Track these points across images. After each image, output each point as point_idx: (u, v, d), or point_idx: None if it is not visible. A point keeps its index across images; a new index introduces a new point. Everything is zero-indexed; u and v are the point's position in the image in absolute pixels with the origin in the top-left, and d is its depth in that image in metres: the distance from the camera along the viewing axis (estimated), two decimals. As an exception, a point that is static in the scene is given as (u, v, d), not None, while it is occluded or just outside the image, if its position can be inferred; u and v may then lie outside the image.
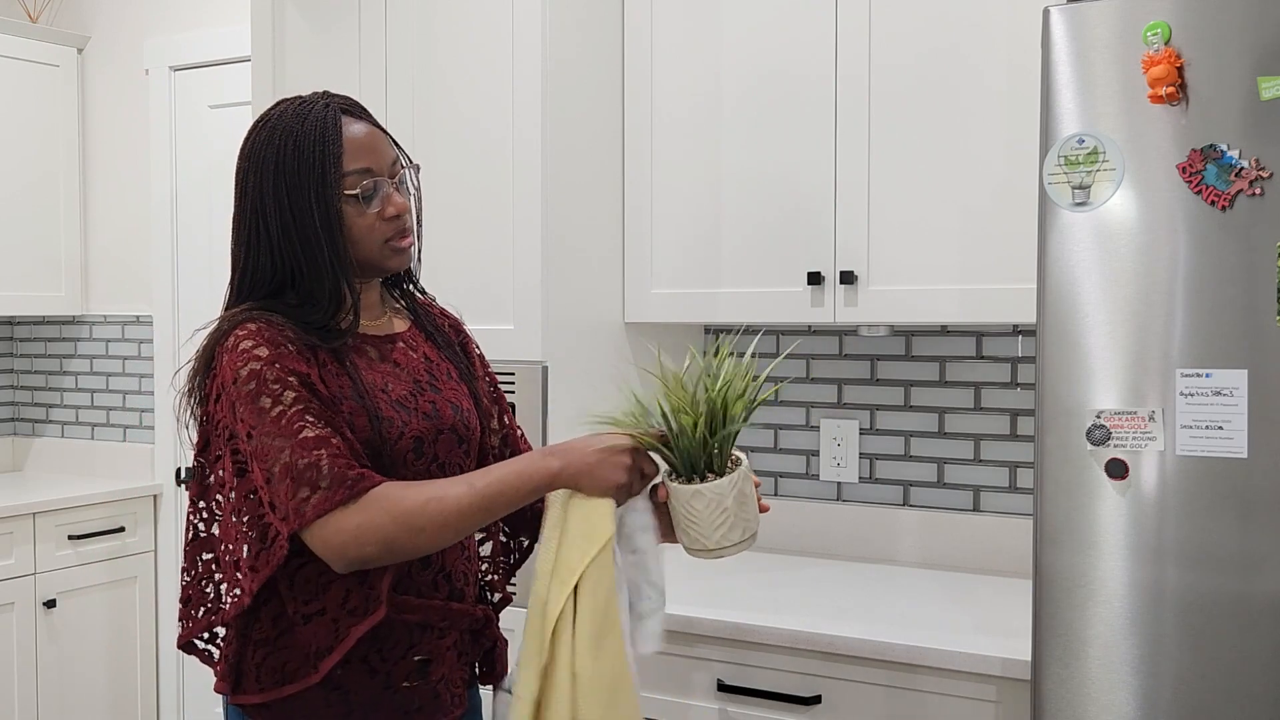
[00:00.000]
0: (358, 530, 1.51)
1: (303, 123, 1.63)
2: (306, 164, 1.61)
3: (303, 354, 1.60)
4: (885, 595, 2.41)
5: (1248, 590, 1.72)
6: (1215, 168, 1.72)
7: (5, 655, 3.57)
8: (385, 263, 1.69)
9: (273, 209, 1.62)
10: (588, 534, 1.58)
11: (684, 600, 2.36)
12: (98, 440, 4.18)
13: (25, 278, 4.01)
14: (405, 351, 1.74)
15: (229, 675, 1.67)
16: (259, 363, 1.56)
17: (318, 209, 1.61)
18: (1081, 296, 1.81)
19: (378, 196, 1.65)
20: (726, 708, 2.23)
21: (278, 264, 1.64)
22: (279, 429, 1.54)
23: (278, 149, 1.63)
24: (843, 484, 2.83)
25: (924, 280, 2.36)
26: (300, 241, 1.62)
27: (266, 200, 1.63)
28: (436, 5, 2.59)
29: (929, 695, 2.06)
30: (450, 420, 1.71)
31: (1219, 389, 1.73)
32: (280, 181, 1.62)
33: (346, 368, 1.63)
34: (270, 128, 1.65)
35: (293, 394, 1.55)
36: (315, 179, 1.61)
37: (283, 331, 1.60)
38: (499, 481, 1.57)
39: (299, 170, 1.61)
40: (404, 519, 1.52)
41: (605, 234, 2.64)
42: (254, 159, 1.65)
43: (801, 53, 2.46)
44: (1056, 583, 1.84)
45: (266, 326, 1.59)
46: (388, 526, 1.52)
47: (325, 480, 1.51)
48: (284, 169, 1.62)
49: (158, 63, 3.96)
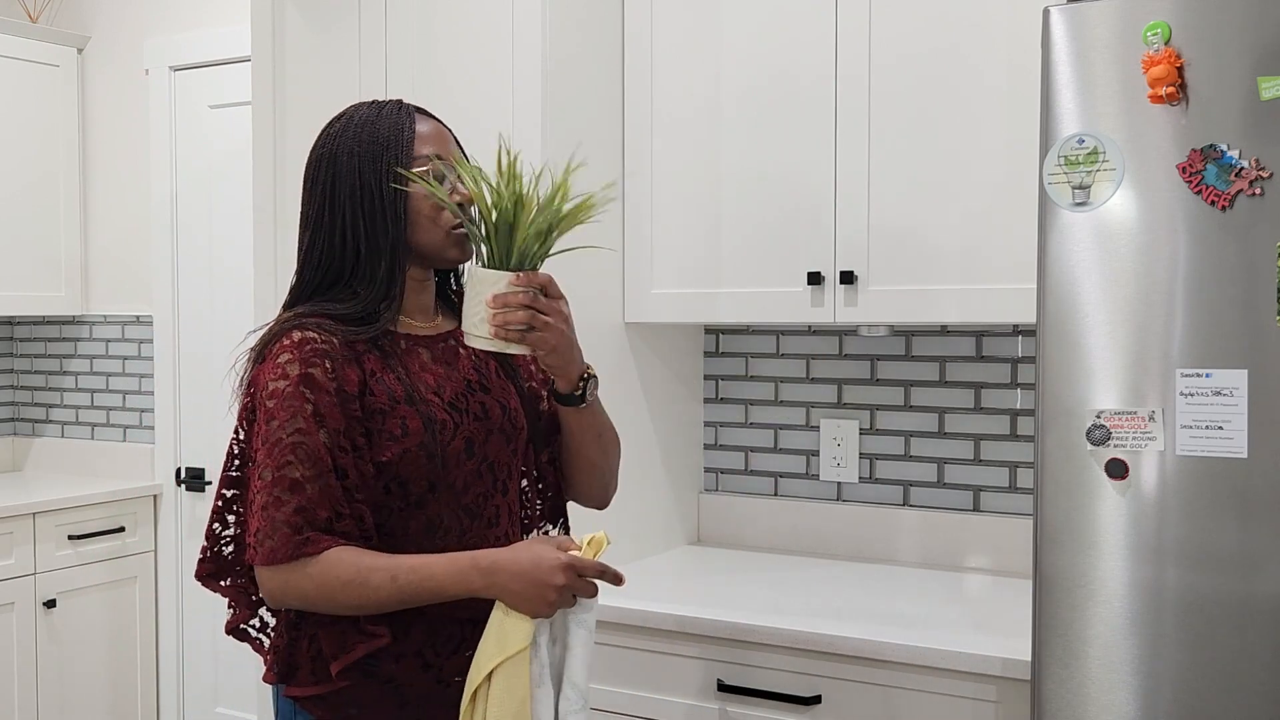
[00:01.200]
0: (284, 586, 1.61)
1: (379, 113, 1.72)
2: (381, 144, 1.69)
3: (344, 368, 1.64)
4: (885, 595, 2.41)
5: (1248, 590, 1.72)
6: (1215, 168, 1.72)
7: (5, 655, 3.57)
8: (446, 251, 1.73)
9: (344, 188, 1.68)
10: (500, 642, 1.60)
11: (684, 600, 2.36)
12: (98, 440, 4.18)
13: (25, 278, 4.01)
14: (456, 350, 1.79)
15: (280, 666, 1.70)
16: (286, 381, 1.62)
17: (387, 184, 1.67)
18: (1081, 296, 1.81)
19: (445, 180, 1.71)
20: (726, 708, 2.23)
21: (339, 245, 1.69)
22: (270, 456, 1.60)
23: (354, 136, 1.70)
24: (843, 484, 2.83)
25: (924, 280, 2.36)
26: (366, 216, 1.68)
27: (339, 180, 1.69)
28: (436, 5, 2.59)
29: (929, 695, 2.06)
30: (499, 421, 1.77)
31: (1219, 389, 1.73)
32: (354, 163, 1.69)
33: (398, 373, 1.68)
34: (346, 120, 1.73)
35: (300, 423, 1.61)
36: (389, 158, 1.68)
37: (328, 342, 1.64)
38: (420, 584, 1.59)
39: (373, 151, 1.68)
40: (324, 591, 1.59)
41: (605, 233, 2.64)
42: (328, 147, 1.72)
43: (802, 53, 2.46)
44: (1056, 583, 1.84)
45: (310, 339, 1.64)
46: (310, 593, 1.60)
47: (275, 535, 1.59)
48: (358, 152, 1.69)
49: (158, 63, 3.96)
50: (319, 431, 1.61)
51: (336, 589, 1.59)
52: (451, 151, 1.75)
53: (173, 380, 3.97)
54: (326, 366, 1.62)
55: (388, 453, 1.65)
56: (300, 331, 1.65)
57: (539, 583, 1.57)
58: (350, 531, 1.62)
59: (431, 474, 1.67)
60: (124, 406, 4.12)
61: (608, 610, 2.33)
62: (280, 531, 1.58)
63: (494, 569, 1.59)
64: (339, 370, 1.63)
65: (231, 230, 3.81)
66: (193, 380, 3.94)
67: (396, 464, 1.65)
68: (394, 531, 1.67)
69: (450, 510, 1.70)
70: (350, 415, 1.63)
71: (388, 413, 1.65)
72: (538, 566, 1.57)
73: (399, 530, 1.68)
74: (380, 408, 1.65)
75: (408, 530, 1.68)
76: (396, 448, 1.65)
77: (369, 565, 1.59)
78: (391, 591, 1.59)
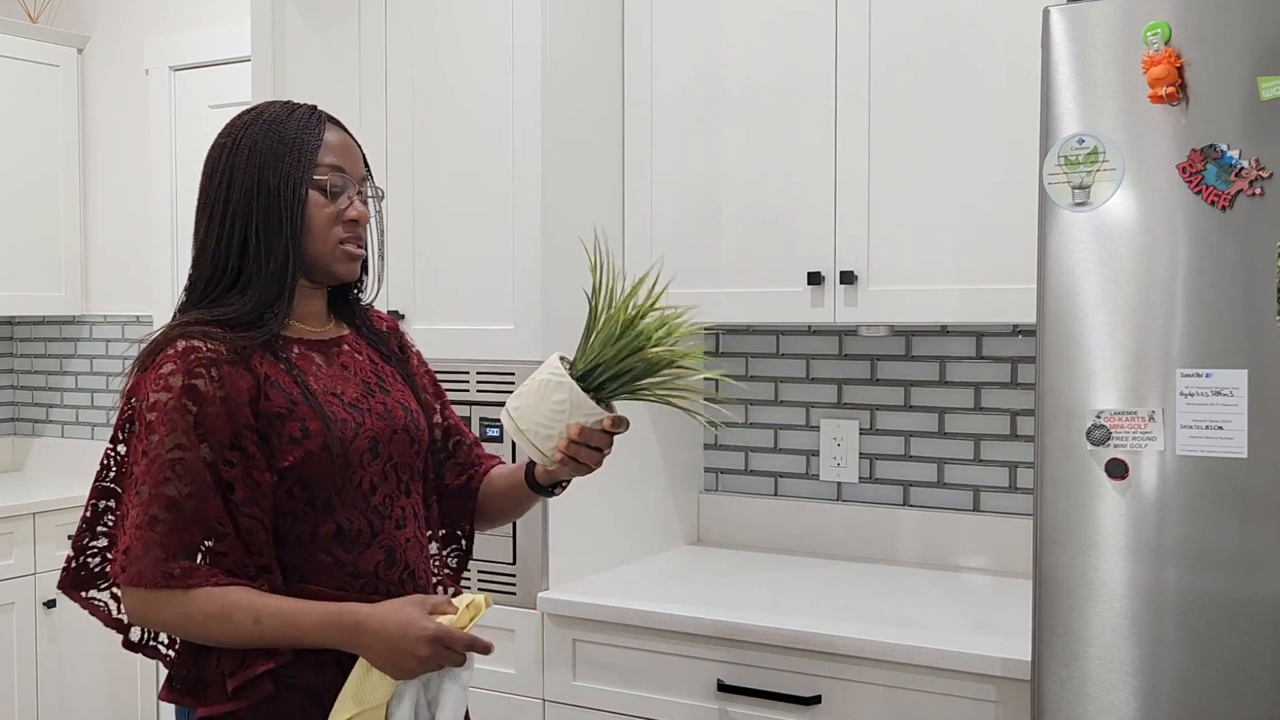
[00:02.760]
0: (144, 609, 1.58)
1: (289, 115, 1.69)
2: (285, 147, 1.65)
3: (233, 376, 1.59)
4: (885, 595, 2.41)
5: (1248, 590, 1.72)
6: (1215, 168, 1.72)
7: (5, 655, 3.57)
8: (335, 266, 1.70)
9: (240, 182, 1.65)
10: (357, 695, 1.56)
11: (684, 600, 2.36)
12: (98, 440, 4.17)
13: (25, 278, 4.01)
14: (351, 354, 1.76)
15: (184, 684, 1.63)
16: (169, 393, 1.57)
17: (285, 187, 1.64)
18: (1081, 296, 1.81)
19: (343, 194, 1.69)
20: (726, 708, 2.23)
21: (230, 240, 1.64)
22: (148, 472, 1.56)
23: (260, 130, 1.67)
24: (843, 484, 2.83)
25: (924, 280, 2.36)
26: (260, 215, 1.64)
27: (237, 174, 1.65)
28: (436, 5, 2.59)
29: (929, 695, 2.06)
30: (402, 421, 1.74)
31: (1219, 389, 1.73)
32: (255, 159, 1.65)
33: (294, 374, 1.64)
34: (255, 114, 1.69)
35: (180, 438, 1.56)
36: (289, 161, 1.65)
37: (215, 350, 1.59)
38: (284, 630, 1.56)
39: (276, 151, 1.65)
40: (185, 622, 1.56)
41: (605, 233, 2.64)
42: (232, 138, 1.68)
43: (802, 53, 2.46)
44: (1056, 583, 1.84)
45: (195, 348, 1.59)
46: (171, 621, 1.57)
47: (145, 557, 1.55)
48: (260, 148, 1.65)
49: (158, 63, 3.96)
50: (200, 446, 1.56)
51: (199, 621, 1.55)
52: (356, 169, 1.71)
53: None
54: (212, 375, 1.58)
55: (289, 457, 1.60)
56: (185, 340, 1.60)
57: (403, 650, 1.54)
58: (230, 551, 1.57)
59: (336, 475, 1.62)
60: (124, 406, 4.12)
61: (608, 610, 2.34)
62: (152, 554, 1.54)
63: (359, 628, 1.56)
64: (226, 378, 1.58)
65: (231, 230, 3.81)
66: (193, 380, 3.93)
67: (299, 467, 1.61)
68: (302, 538, 1.63)
69: (359, 512, 1.66)
70: (240, 424, 1.58)
71: (286, 416, 1.61)
72: (404, 635, 1.54)
73: (307, 536, 1.63)
74: (277, 412, 1.60)
75: (317, 536, 1.63)
76: (298, 450, 1.60)
77: (234, 603, 1.55)
78: (254, 632, 1.56)
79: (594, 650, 2.38)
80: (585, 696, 2.38)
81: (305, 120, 1.68)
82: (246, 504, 1.58)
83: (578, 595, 2.39)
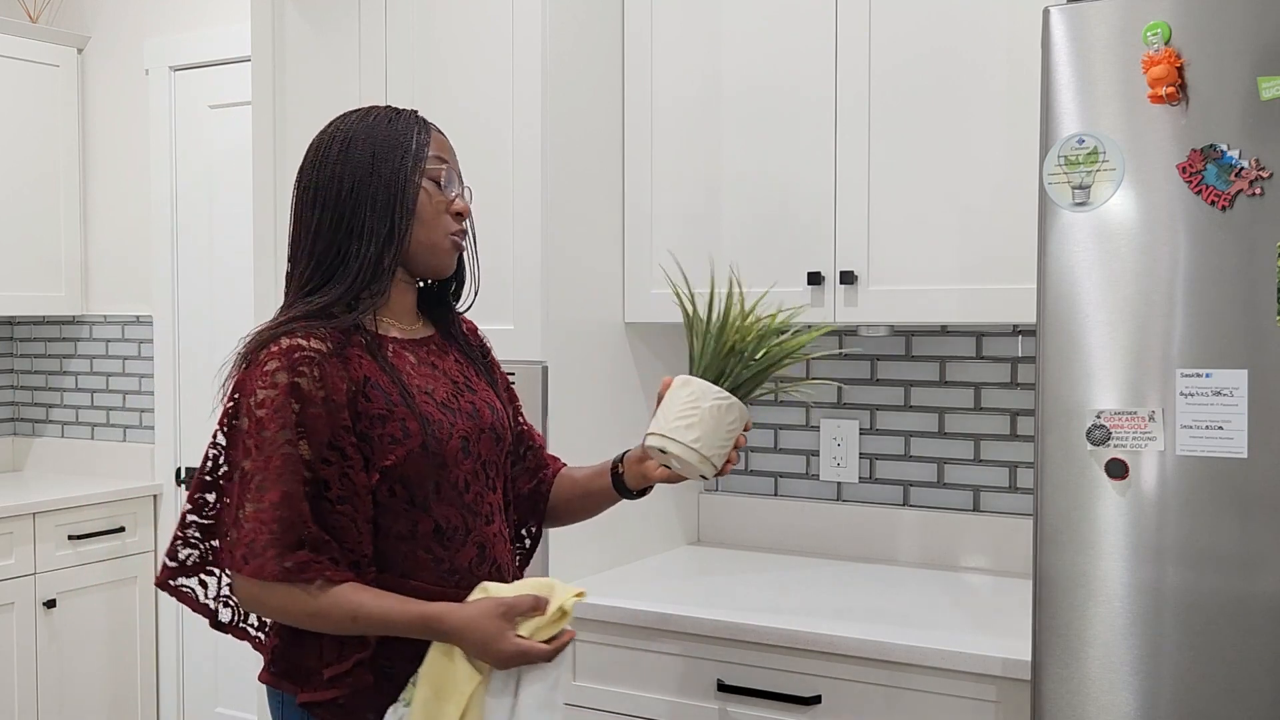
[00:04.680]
0: (257, 598, 1.64)
1: (397, 115, 1.75)
2: (396, 139, 1.71)
3: (333, 376, 1.63)
4: (885, 595, 2.41)
5: (1248, 590, 1.72)
6: (1215, 168, 1.72)
7: (5, 655, 3.57)
8: (441, 255, 1.76)
9: (351, 171, 1.69)
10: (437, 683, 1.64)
11: (684, 600, 2.36)
12: (98, 440, 4.18)
13: (25, 278, 4.01)
14: (439, 354, 1.81)
15: (282, 668, 1.71)
16: (275, 390, 1.61)
17: (399, 174, 1.70)
18: (1081, 296, 1.81)
19: (453, 186, 1.76)
20: (726, 708, 2.23)
21: (338, 232, 1.69)
22: (259, 467, 1.61)
23: (371, 125, 1.72)
24: (843, 484, 2.83)
25: (924, 280, 2.36)
26: (370, 203, 1.68)
27: (348, 164, 1.70)
28: (436, 5, 2.59)
29: (929, 695, 2.06)
30: (489, 420, 1.80)
31: (1219, 389, 1.73)
32: (368, 149, 1.70)
33: (391, 375, 1.69)
34: (364, 112, 1.76)
35: (288, 434, 1.60)
36: (402, 151, 1.71)
37: (317, 349, 1.63)
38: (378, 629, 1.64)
39: (389, 143, 1.71)
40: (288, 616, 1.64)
41: (605, 234, 2.64)
42: (343, 131, 1.73)
43: (802, 52, 2.46)
44: (1056, 583, 1.84)
45: (298, 346, 1.63)
46: (278, 610, 1.65)
47: (266, 553, 1.60)
48: (374, 139, 1.71)
49: (158, 63, 3.96)
50: (302, 443, 1.60)
51: (300, 618, 1.63)
52: (458, 169, 1.80)
53: (173, 380, 3.97)
54: (314, 375, 1.61)
55: (390, 457, 1.65)
56: (289, 338, 1.63)
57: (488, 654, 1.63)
58: (325, 545, 1.62)
59: (434, 474, 1.69)
60: (124, 406, 4.13)
61: (608, 610, 2.34)
62: (272, 548, 1.59)
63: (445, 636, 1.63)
64: (328, 379, 1.62)
65: (231, 230, 3.81)
66: (193, 380, 3.94)
67: (400, 467, 1.66)
68: (403, 534, 1.68)
69: (455, 510, 1.72)
70: (338, 424, 1.62)
71: (386, 417, 1.65)
72: (485, 649, 1.62)
73: (408, 533, 1.69)
74: (378, 413, 1.65)
75: (416, 533, 1.69)
76: (399, 450, 1.65)
77: (335, 600, 1.62)
78: (350, 628, 1.64)
79: (594, 650, 2.38)
80: (585, 696, 2.38)
81: (412, 119, 1.75)
82: (340, 502, 1.63)
83: (578, 595, 2.39)
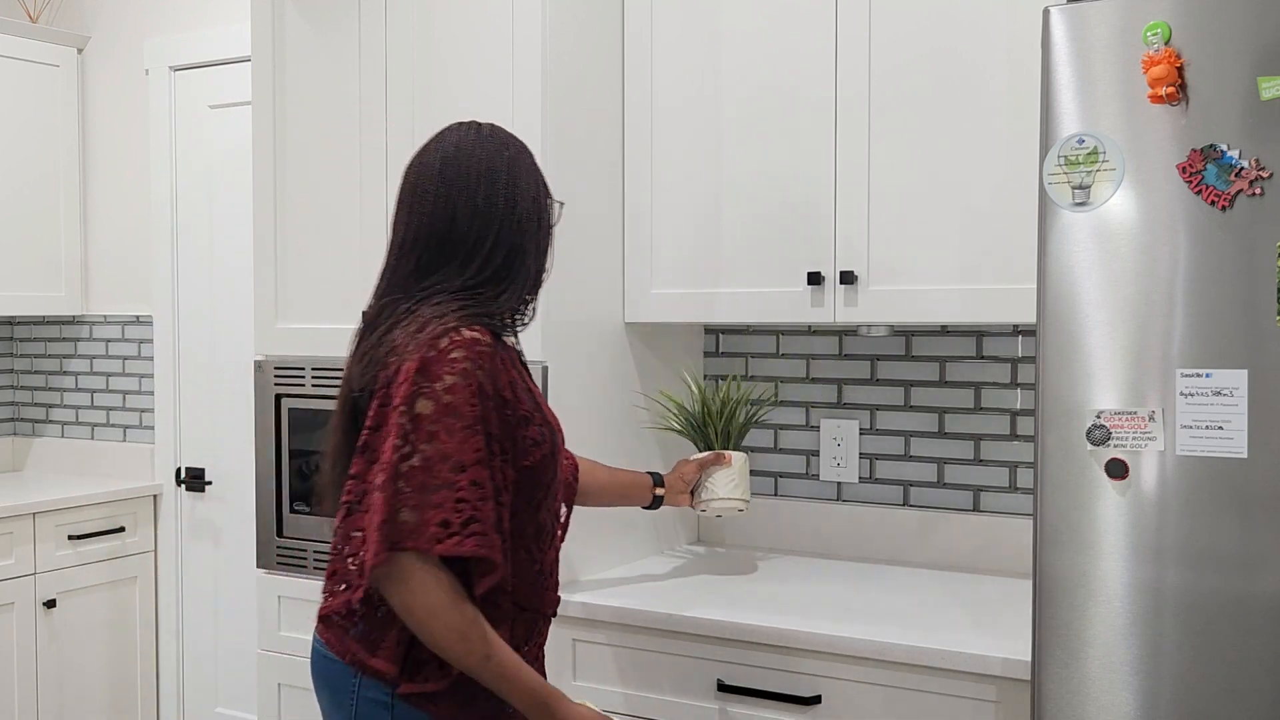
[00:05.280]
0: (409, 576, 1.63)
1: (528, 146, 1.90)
2: (539, 172, 1.88)
3: (500, 375, 1.72)
4: (885, 595, 2.41)
5: (1248, 590, 1.72)
6: (1215, 168, 1.72)
7: (5, 655, 3.57)
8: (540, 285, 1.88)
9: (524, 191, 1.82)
10: None
11: (684, 600, 2.36)
12: (98, 440, 4.18)
13: (25, 278, 4.01)
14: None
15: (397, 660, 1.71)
16: (464, 379, 1.67)
17: (550, 207, 1.88)
18: (1081, 296, 1.81)
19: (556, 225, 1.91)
20: (726, 708, 2.23)
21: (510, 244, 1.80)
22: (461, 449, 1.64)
23: (528, 156, 1.86)
24: (843, 484, 2.83)
25: (924, 280, 2.36)
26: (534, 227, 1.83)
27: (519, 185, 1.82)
28: (436, 5, 2.59)
29: (929, 695, 2.06)
30: (558, 426, 1.90)
31: (1219, 389, 1.73)
32: (532, 175, 1.85)
33: (527, 384, 1.80)
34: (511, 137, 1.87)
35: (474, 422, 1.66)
36: (545, 185, 1.89)
37: (491, 346, 1.72)
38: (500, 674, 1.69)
39: (539, 177, 1.88)
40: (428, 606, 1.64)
41: (605, 234, 2.64)
42: (511, 148, 1.84)
43: (802, 53, 2.46)
44: (1056, 583, 1.84)
45: (479, 340, 1.70)
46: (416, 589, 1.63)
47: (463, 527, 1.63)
48: (532, 167, 1.86)
49: (158, 63, 3.96)
50: (482, 434, 1.67)
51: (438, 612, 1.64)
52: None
53: (173, 380, 3.97)
54: (488, 370, 1.70)
55: (530, 458, 1.75)
56: (468, 330, 1.71)
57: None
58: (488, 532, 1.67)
59: (550, 479, 1.81)
60: (124, 406, 4.13)
61: (608, 610, 2.34)
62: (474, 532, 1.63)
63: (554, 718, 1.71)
64: (497, 375, 1.71)
65: (231, 230, 3.81)
66: (192, 380, 3.94)
67: (535, 469, 1.76)
68: (514, 533, 1.76)
69: (551, 514, 1.84)
70: (502, 420, 1.71)
71: (529, 419, 1.76)
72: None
73: (517, 532, 1.76)
74: (523, 415, 1.75)
75: (524, 532, 1.77)
76: (538, 453, 1.76)
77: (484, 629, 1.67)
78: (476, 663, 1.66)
79: (594, 650, 2.38)
80: (585, 696, 2.38)
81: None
82: (499, 493, 1.71)
83: (577, 595, 2.39)
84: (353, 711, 1.74)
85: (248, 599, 3.74)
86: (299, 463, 2.76)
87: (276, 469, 2.79)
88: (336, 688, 1.77)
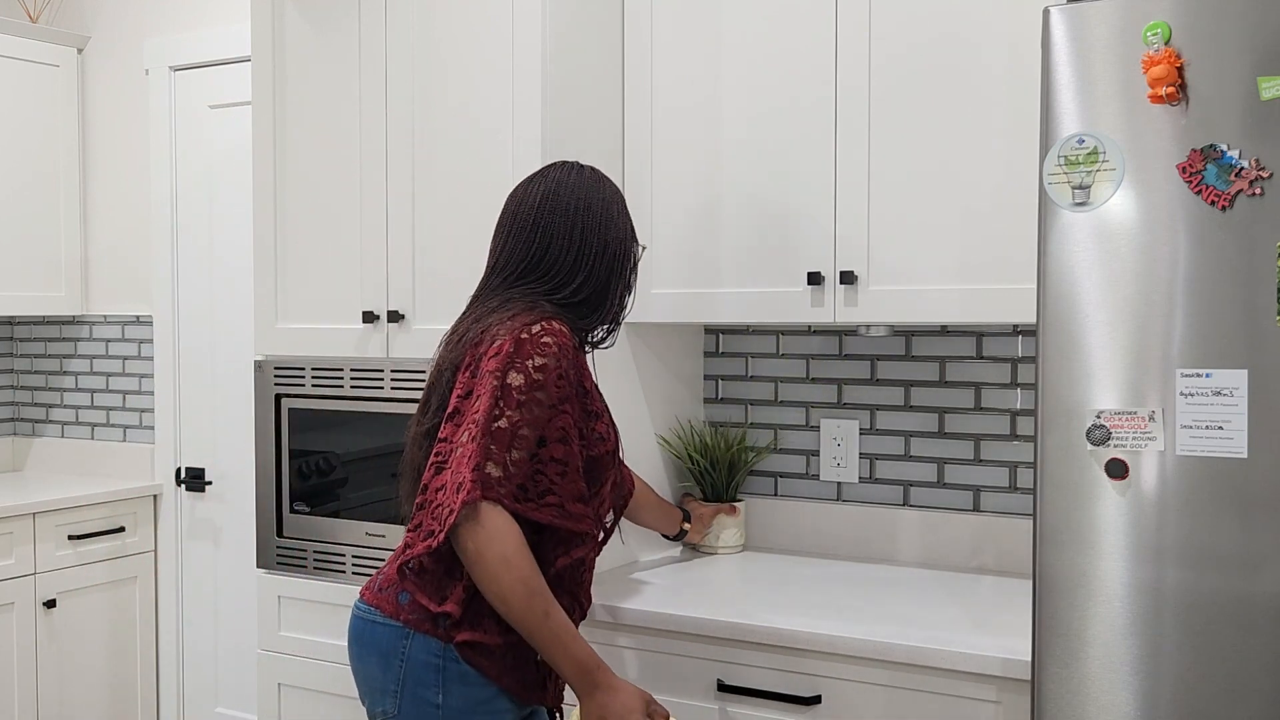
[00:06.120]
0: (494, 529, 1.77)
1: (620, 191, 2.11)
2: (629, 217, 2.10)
3: (581, 367, 1.93)
4: (885, 595, 2.42)
5: (1248, 590, 1.72)
6: (1215, 168, 1.72)
7: (5, 655, 3.57)
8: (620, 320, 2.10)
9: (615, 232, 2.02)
10: None
11: (684, 600, 2.36)
12: (98, 440, 4.18)
13: (25, 278, 4.01)
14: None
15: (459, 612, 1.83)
16: (555, 360, 1.85)
17: (634, 248, 2.08)
18: (1081, 296, 1.81)
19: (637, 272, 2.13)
20: (726, 707, 2.23)
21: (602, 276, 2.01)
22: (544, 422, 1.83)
23: (620, 200, 2.07)
24: (843, 484, 2.83)
25: (924, 280, 2.36)
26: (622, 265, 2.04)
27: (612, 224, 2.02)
28: (436, 5, 2.59)
29: (929, 695, 2.06)
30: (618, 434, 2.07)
31: (1219, 389, 1.73)
32: (624, 218, 2.06)
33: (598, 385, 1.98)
34: (607, 180, 2.07)
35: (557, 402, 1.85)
36: (632, 229, 2.10)
37: (573, 341, 1.91)
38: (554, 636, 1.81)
39: (628, 218, 2.09)
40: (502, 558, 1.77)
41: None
42: (609, 188, 2.06)
43: (802, 53, 2.46)
44: (1056, 583, 1.84)
45: (565, 333, 1.89)
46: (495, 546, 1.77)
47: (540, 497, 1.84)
48: (624, 212, 2.07)
49: (158, 63, 3.96)
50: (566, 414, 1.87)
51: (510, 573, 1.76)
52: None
53: (173, 380, 3.97)
54: (575, 361, 1.90)
55: (597, 449, 1.94)
56: (559, 323, 1.90)
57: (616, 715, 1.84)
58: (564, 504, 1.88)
59: (609, 476, 1.98)
60: (124, 406, 4.13)
61: (608, 610, 2.34)
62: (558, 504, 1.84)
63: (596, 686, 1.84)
64: (579, 368, 1.91)
65: (231, 230, 3.81)
66: (192, 380, 3.94)
67: (598, 461, 1.94)
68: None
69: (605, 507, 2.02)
70: (581, 408, 1.91)
71: (599, 415, 1.96)
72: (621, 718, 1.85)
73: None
74: (595, 410, 1.95)
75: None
76: (602, 447, 1.95)
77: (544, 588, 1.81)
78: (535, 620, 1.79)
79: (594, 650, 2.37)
80: (585, 696, 2.38)
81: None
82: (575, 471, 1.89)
83: (578, 595, 2.40)
84: (400, 672, 1.85)
85: (248, 599, 3.75)
86: (299, 463, 2.76)
87: (276, 469, 2.79)
88: (386, 651, 1.87)
